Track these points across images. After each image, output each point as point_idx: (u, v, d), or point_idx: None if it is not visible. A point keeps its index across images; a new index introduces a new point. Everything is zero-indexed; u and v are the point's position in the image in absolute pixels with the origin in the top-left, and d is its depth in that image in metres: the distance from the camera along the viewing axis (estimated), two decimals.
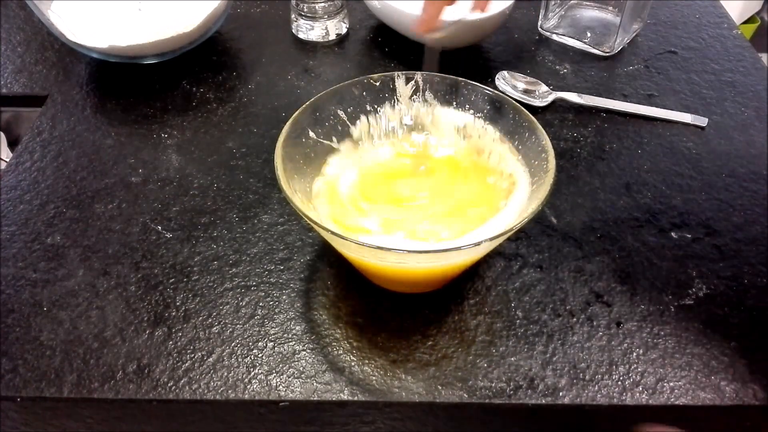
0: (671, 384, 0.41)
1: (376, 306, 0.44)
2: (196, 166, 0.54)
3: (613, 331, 0.43)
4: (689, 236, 0.50)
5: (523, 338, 0.43)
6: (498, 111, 0.45)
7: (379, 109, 0.47)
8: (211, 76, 0.64)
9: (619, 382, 0.41)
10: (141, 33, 0.60)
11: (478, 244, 0.36)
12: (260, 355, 0.42)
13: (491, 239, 0.36)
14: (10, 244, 0.48)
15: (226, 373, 0.41)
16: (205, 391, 0.40)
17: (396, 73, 0.47)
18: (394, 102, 0.48)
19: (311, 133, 0.45)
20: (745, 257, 0.48)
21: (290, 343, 0.42)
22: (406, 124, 0.48)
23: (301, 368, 0.41)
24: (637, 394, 0.40)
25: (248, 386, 0.40)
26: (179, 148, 0.56)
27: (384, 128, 0.48)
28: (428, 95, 0.48)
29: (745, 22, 1.65)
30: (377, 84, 0.47)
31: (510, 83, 0.63)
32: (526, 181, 0.43)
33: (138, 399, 0.40)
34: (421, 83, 0.47)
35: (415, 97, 0.48)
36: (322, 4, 0.67)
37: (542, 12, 0.70)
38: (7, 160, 0.77)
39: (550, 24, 0.70)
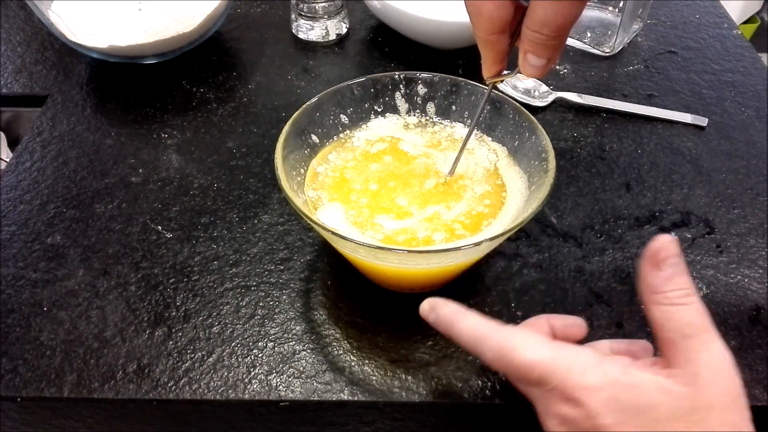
0: None
1: (376, 306, 0.44)
2: (196, 166, 0.54)
3: (613, 331, 0.43)
4: (689, 236, 0.50)
5: None
6: (498, 111, 0.45)
7: (377, 116, 0.48)
8: (211, 76, 0.64)
9: None
10: (141, 33, 0.60)
11: (478, 244, 0.36)
12: (260, 355, 0.42)
13: (491, 239, 0.36)
14: (10, 244, 0.48)
15: (226, 373, 0.41)
16: (205, 391, 0.40)
17: (396, 76, 0.47)
18: (395, 111, 0.48)
19: (311, 133, 0.45)
20: (745, 257, 0.48)
21: (290, 343, 0.42)
22: (407, 127, 0.48)
23: (301, 368, 0.41)
24: None
25: (248, 386, 0.40)
26: (179, 148, 0.56)
27: (383, 134, 0.48)
28: (429, 107, 0.48)
29: (745, 22, 1.65)
30: (378, 96, 0.47)
31: (510, 83, 0.63)
32: (523, 183, 0.43)
33: (138, 399, 0.40)
34: (421, 93, 0.47)
35: (415, 113, 0.48)
36: (322, 4, 0.67)
37: None
38: (7, 160, 0.77)
39: None
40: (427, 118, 0.49)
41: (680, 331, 0.30)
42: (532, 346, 0.31)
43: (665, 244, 0.31)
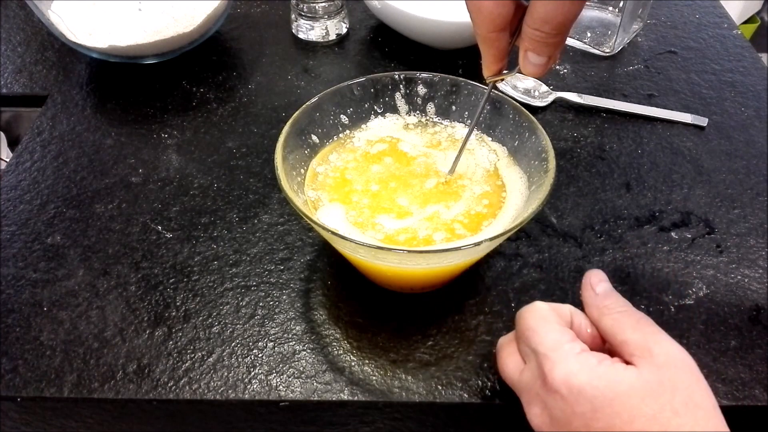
0: None
1: (376, 306, 0.44)
2: (196, 166, 0.54)
3: None
4: (689, 236, 0.50)
5: None
6: (498, 111, 0.45)
7: (377, 116, 0.48)
8: (211, 76, 0.64)
9: None
10: (141, 33, 0.60)
11: (478, 244, 0.36)
12: (260, 355, 0.42)
13: (491, 239, 0.36)
14: (10, 244, 0.48)
15: (226, 373, 0.41)
16: (205, 391, 0.40)
17: (396, 76, 0.47)
18: (395, 111, 0.48)
19: (311, 134, 0.45)
20: (745, 257, 0.48)
21: (290, 343, 0.42)
22: (408, 126, 0.48)
23: (301, 368, 0.41)
24: None
25: (248, 386, 0.40)
26: (179, 148, 0.56)
27: (383, 134, 0.48)
28: (429, 107, 0.48)
29: (745, 22, 1.65)
30: (378, 96, 0.47)
31: (510, 83, 0.63)
32: (523, 183, 0.43)
33: (138, 399, 0.40)
34: (421, 93, 0.47)
35: (415, 113, 0.48)
36: (322, 4, 0.67)
37: None
38: (7, 160, 0.77)
39: None
40: (427, 118, 0.49)
41: (630, 329, 0.33)
42: (541, 318, 0.34)
43: (593, 273, 0.37)
